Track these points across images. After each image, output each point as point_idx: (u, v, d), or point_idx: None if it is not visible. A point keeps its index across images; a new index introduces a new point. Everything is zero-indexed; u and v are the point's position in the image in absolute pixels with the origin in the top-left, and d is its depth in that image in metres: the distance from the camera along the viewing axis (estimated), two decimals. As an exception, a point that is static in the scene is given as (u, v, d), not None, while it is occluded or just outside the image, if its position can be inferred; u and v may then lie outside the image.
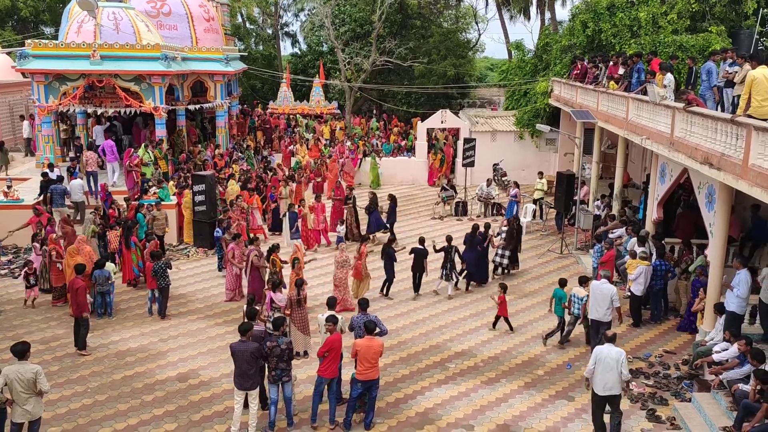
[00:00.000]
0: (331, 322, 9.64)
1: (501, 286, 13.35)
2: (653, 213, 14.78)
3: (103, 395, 10.53)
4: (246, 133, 29.63)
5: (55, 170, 18.94)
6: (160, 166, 20.39)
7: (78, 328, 12.06)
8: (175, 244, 18.23)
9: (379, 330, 9.69)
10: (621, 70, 17.29)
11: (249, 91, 39.87)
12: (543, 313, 14.21)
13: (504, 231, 16.55)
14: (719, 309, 11.20)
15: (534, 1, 36.63)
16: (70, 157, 21.48)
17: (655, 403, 10.55)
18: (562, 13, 64.61)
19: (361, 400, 9.66)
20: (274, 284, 12.09)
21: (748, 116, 9.83)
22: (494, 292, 13.89)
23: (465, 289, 15.59)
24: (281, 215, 19.33)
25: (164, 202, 17.86)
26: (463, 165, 23.05)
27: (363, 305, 10.50)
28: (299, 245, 14.40)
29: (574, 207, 18.59)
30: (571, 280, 13.43)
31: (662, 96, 13.53)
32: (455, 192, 23.01)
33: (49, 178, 17.79)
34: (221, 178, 20.25)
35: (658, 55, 19.00)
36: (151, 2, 25.07)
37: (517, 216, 18.76)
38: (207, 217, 17.78)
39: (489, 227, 16.01)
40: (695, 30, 21.99)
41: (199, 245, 18.08)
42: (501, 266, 16.34)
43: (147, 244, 14.92)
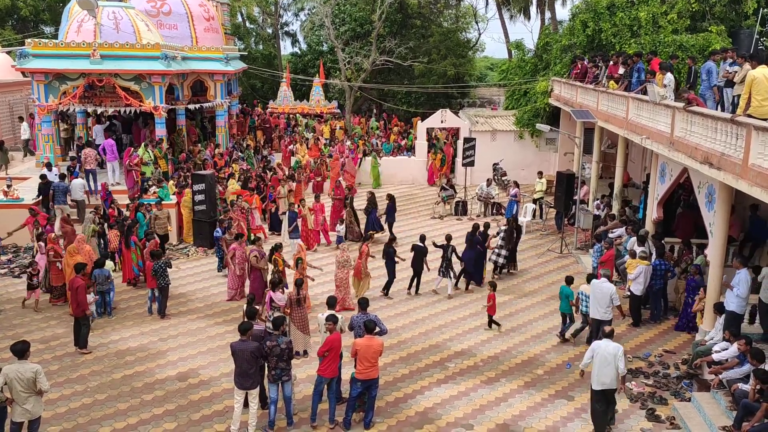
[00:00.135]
0: (331, 321, 9.64)
1: (491, 285, 13.38)
2: (653, 212, 14.78)
3: (102, 394, 10.53)
4: (246, 133, 29.64)
5: (54, 169, 18.93)
6: (160, 166, 20.39)
7: (78, 328, 12.07)
8: (175, 244, 18.24)
9: (378, 329, 9.70)
10: (621, 70, 17.29)
11: (249, 91, 39.86)
12: (543, 313, 14.22)
13: (503, 231, 16.55)
14: (719, 309, 11.21)
15: (534, 1, 36.62)
16: (71, 156, 21.48)
17: (655, 402, 10.55)
18: (562, 12, 64.68)
19: (360, 399, 9.66)
20: (274, 284, 12.09)
21: (748, 116, 9.83)
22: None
23: (465, 289, 15.59)
24: (280, 214, 19.34)
25: (164, 202, 17.86)
26: (463, 165, 23.05)
27: (363, 305, 10.52)
28: (302, 245, 14.41)
29: (573, 206, 18.59)
30: (576, 279, 13.42)
31: (662, 96, 13.53)
32: (455, 191, 23.02)
33: (48, 180, 17.76)
34: (221, 177, 20.27)
35: (658, 54, 18.99)
36: (151, 1, 25.07)
37: (516, 216, 18.76)
38: (207, 217, 17.78)
39: (489, 227, 16.01)
40: (695, 30, 21.99)
41: (199, 244, 18.08)
42: (497, 265, 16.35)
43: (147, 243, 14.95)
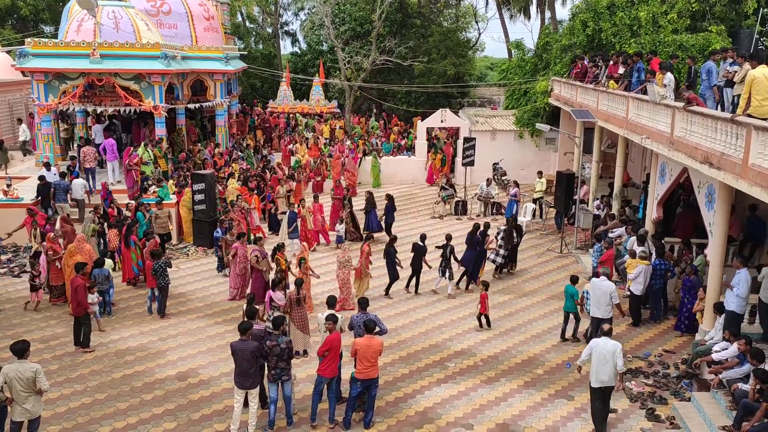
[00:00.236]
0: (331, 321, 9.64)
1: (483, 284, 13.39)
2: (653, 212, 14.78)
3: (102, 394, 10.53)
4: (246, 132, 29.65)
5: (53, 169, 18.92)
6: (160, 165, 20.39)
7: (78, 327, 12.07)
8: (174, 243, 18.23)
9: (378, 329, 9.69)
10: (621, 70, 17.28)
11: (249, 90, 39.87)
12: (542, 313, 14.22)
13: (502, 231, 16.55)
14: (719, 308, 11.21)
15: (534, 1, 36.63)
16: (71, 156, 21.48)
17: (655, 402, 10.55)
18: (563, 12, 64.82)
19: (360, 399, 9.66)
20: (274, 283, 12.08)
21: (748, 116, 9.82)
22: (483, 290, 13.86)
23: (465, 289, 15.59)
24: (279, 214, 19.34)
25: (164, 201, 17.84)
26: (463, 164, 23.04)
27: (363, 304, 10.52)
28: (306, 245, 14.45)
29: (573, 206, 18.59)
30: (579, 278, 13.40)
31: (662, 95, 13.53)
32: (455, 191, 23.01)
33: (46, 180, 17.74)
34: (221, 177, 20.25)
35: (658, 54, 18.99)
36: (150, 1, 25.07)
37: (515, 216, 18.75)
38: (207, 216, 17.77)
39: (489, 227, 16.01)
40: (695, 29, 21.98)
41: (199, 244, 18.07)
42: (495, 264, 16.33)
43: (146, 243, 14.93)
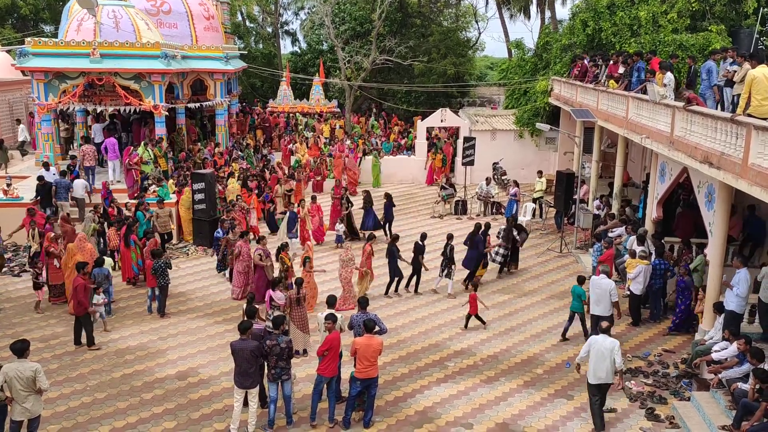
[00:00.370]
0: (330, 320, 9.64)
1: (472, 284, 13.35)
2: (653, 212, 14.78)
3: (102, 393, 10.53)
4: (246, 132, 29.65)
5: (52, 169, 18.90)
6: (160, 165, 20.38)
7: (79, 327, 12.07)
8: (174, 242, 18.23)
9: (378, 328, 9.69)
10: (621, 69, 17.28)
11: (249, 90, 39.87)
12: (542, 312, 14.22)
13: (502, 230, 16.56)
14: (719, 308, 11.21)
15: (534, 0, 36.60)
16: (71, 155, 21.47)
17: (654, 401, 10.56)
18: (563, 11, 64.90)
19: (360, 398, 9.67)
20: (274, 282, 12.08)
21: (748, 115, 9.82)
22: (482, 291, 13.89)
23: (465, 288, 15.57)
24: (278, 214, 19.32)
25: (165, 201, 17.83)
26: (463, 164, 23.04)
27: (362, 304, 10.52)
28: (311, 245, 14.52)
29: (573, 206, 18.59)
30: (575, 278, 13.37)
31: (662, 95, 13.53)
32: (455, 190, 23.01)
33: (45, 180, 17.73)
34: (220, 176, 20.25)
35: (658, 54, 18.99)
36: (150, 0, 25.07)
37: (515, 215, 18.74)
38: (206, 216, 17.77)
39: (489, 227, 16.00)
40: (695, 29, 21.98)
41: (199, 243, 18.06)
42: (495, 263, 16.33)
43: (146, 242, 14.92)
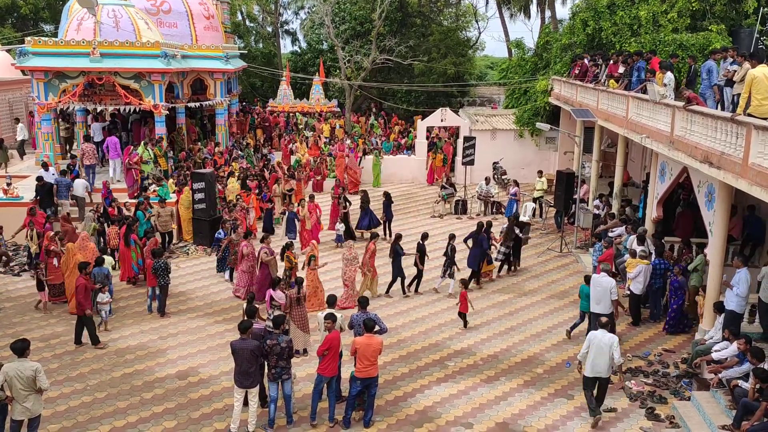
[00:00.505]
0: (330, 320, 9.64)
1: (462, 282, 13.33)
2: (653, 212, 14.78)
3: (102, 393, 10.53)
4: (246, 131, 29.65)
5: (51, 169, 18.88)
6: (160, 164, 20.38)
7: (81, 326, 12.07)
8: (174, 242, 18.22)
9: (378, 328, 9.69)
10: (621, 69, 17.28)
11: (249, 89, 39.88)
12: (542, 312, 14.22)
13: (502, 230, 16.56)
14: (719, 308, 11.21)
15: (534, 0, 36.61)
16: (71, 154, 21.46)
17: (654, 401, 10.56)
18: (563, 11, 64.94)
19: (360, 398, 9.67)
20: (274, 282, 12.08)
21: (748, 115, 9.82)
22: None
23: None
24: (277, 213, 19.31)
25: (166, 200, 17.83)
26: (463, 163, 23.03)
27: (362, 303, 10.52)
28: (315, 243, 14.57)
29: (573, 205, 18.59)
30: (575, 278, 13.39)
31: (662, 94, 13.53)
32: (455, 190, 23.01)
33: (45, 181, 17.72)
34: (220, 176, 20.24)
35: (659, 53, 18.99)
36: (150, 0, 25.06)
37: (516, 215, 18.75)
38: (206, 215, 17.77)
39: (491, 225, 15.99)
40: (695, 29, 21.97)
41: (199, 243, 18.06)
42: (496, 261, 16.33)
43: (147, 241, 14.92)
